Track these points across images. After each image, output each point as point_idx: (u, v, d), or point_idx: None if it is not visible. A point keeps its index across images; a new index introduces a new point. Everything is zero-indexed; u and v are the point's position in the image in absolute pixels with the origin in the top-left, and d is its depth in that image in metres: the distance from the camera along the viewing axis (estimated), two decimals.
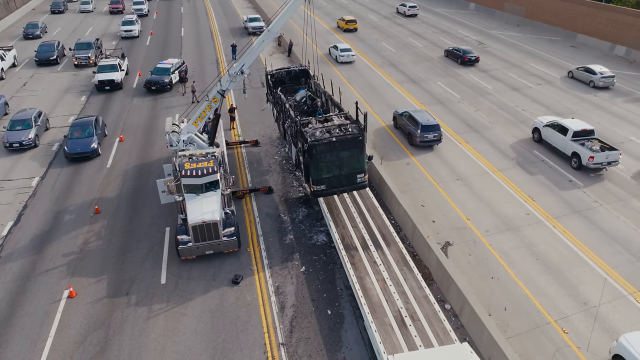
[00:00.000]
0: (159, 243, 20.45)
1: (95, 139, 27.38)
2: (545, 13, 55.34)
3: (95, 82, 36.09)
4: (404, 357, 12.96)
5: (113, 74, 36.68)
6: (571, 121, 27.14)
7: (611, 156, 24.86)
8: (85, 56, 42.09)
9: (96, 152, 27.05)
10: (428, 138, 27.89)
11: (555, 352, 15.60)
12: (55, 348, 15.62)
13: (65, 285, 18.11)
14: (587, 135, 26.24)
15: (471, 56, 42.78)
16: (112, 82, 36.30)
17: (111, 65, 37.39)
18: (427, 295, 15.96)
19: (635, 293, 17.95)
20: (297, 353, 15.50)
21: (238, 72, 21.57)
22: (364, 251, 18.33)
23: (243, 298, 17.62)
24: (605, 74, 37.25)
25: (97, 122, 28.59)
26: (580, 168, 25.61)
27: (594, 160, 24.74)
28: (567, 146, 26.18)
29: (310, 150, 18.66)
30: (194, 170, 19.53)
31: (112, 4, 64.87)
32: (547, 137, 27.83)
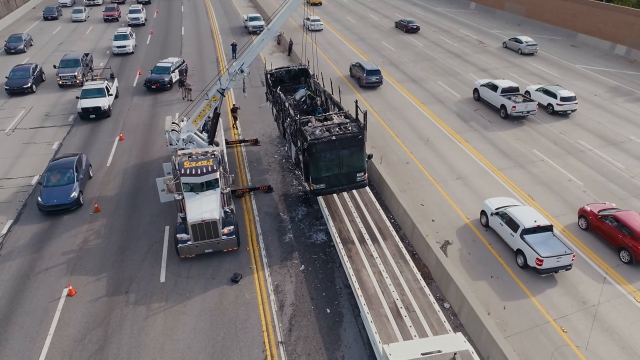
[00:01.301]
0: (159, 242, 20.46)
1: (77, 185, 22.76)
2: (546, 12, 55.29)
3: (79, 110, 31.21)
4: (399, 346, 13.25)
5: (99, 100, 31.67)
6: (501, 81, 32.77)
7: (529, 106, 30.64)
8: (71, 75, 36.80)
9: (77, 203, 22.38)
10: (371, 80, 36.40)
11: (554, 351, 15.61)
12: (55, 346, 15.64)
13: (65, 284, 18.13)
14: (513, 92, 31.57)
15: (413, 25, 52.93)
16: (98, 110, 31.26)
17: (97, 89, 32.25)
18: (422, 288, 16.27)
19: (634, 292, 17.94)
20: (296, 351, 15.51)
21: (238, 71, 21.58)
22: (360, 245, 18.59)
23: (242, 296, 17.63)
24: (529, 42, 45.14)
25: (79, 163, 23.95)
26: (506, 117, 31.20)
27: (516, 109, 30.42)
28: (497, 100, 31.85)
29: (310, 149, 18.65)
30: (194, 169, 19.55)
31: (107, 11, 59.59)
32: (483, 94, 33.36)
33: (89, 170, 24.90)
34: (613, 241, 19.71)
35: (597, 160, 26.97)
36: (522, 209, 19.87)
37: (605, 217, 20.09)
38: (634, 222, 19.17)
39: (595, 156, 27.44)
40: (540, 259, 17.78)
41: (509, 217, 19.64)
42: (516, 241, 19.08)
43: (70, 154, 24.75)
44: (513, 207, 20.41)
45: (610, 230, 19.73)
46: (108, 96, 32.51)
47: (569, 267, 18.25)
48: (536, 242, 18.51)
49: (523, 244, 18.63)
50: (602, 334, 16.25)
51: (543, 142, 28.99)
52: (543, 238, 18.66)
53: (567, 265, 18.19)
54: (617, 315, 16.98)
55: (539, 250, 18.06)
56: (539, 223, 18.88)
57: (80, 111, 31.24)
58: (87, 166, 24.85)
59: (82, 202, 22.89)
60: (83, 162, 24.55)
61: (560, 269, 18.18)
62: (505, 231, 19.75)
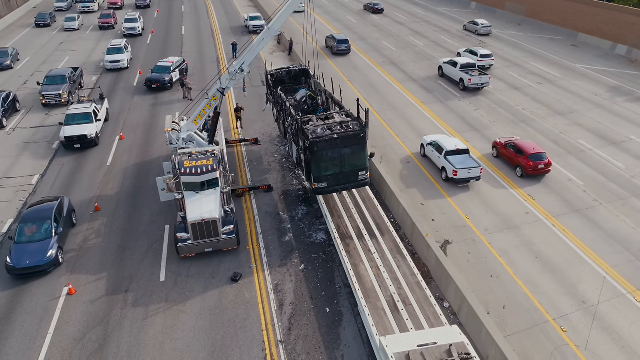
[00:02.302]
0: (159, 241, 20.48)
1: (55, 241, 18.82)
2: (547, 12, 55.23)
3: (62, 139, 27.05)
4: (395, 338, 13.45)
5: (86, 127, 27.47)
6: (461, 58, 37.66)
7: (483, 79, 35.55)
8: (55, 94, 32.72)
9: (55, 263, 18.56)
10: (341, 48, 44.34)
11: (554, 350, 15.60)
12: (55, 345, 15.66)
13: (65, 283, 18.15)
14: (470, 67, 36.68)
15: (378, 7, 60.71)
16: (84, 139, 27.14)
17: (84, 114, 28.13)
18: (419, 282, 16.52)
19: (634, 292, 17.94)
20: (295, 350, 15.52)
21: (238, 71, 21.60)
22: (359, 240, 18.81)
23: (242, 296, 17.64)
24: (485, 24, 51.80)
25: (59, 210, 20.05)
26: (465, 89, 36.13)
27: (471, 82, 35.32)
28: (457, 74, 36.63)
29: (311, 148, 18.65)
30: (194, 168, 19.57)
31: (102, 18, 54.93)
32: (446, 71, 38.41)
33: (72, 217, 20.99)
34: (512, 161, 25.70)
35: (597, 160, 26.95)
36: (447, 139, 25.67)
37: (508, 144, 26.05)
38: (526, 147, 25.07)
39: (596, 156, 27.42)
40: (456, 170, 23.56)
41: (437, 144, 25.38)
42: (441, 161, 24.77)
43: (49, 199, 20.84)
44: (442, 138, 25.74)
45: (510, 154, 25.70)
46: (96, 122, 28.30)
47: (478, 178, 24.03)
48: (455, 160, 24.20)
49: (446, 162, 24.35)
50: (602, 333, 16.24)
51: (543, 141, 28.97)
52: (461, 159, 24.30)
53: (477, 177, 23.97)
54: (617, 314, 16.97)
55: (455, 165, 23.64)
56: (458, 147, 24.71)
57: (63, 140, 27.04)
58: (70, 212, 20.96)
59: (62, 260, 19.10)
60: (64, 208, 20.53)
61: (472, 179, 23.97)
62: (435, 155, 25.45)
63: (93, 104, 29.42)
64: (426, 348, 12.83)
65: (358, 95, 34.37)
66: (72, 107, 29.09)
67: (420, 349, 12.80)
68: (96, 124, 28.29)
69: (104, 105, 30.99)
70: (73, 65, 38.72)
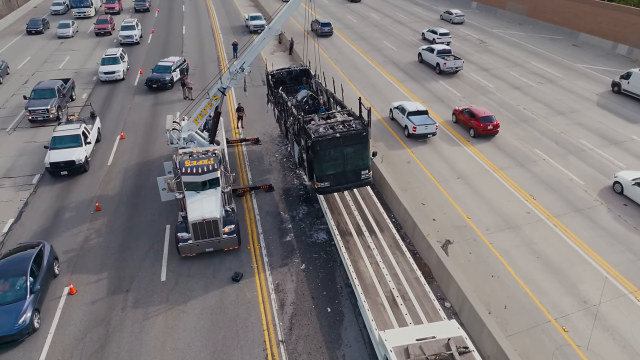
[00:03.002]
0: (159, 240, 20.47)
1: (30, 301, 15.79)
2: (548, 12, 55.19)
3: (46, 165, 24.21)
4: (394, 332, 13.60)
5: (74, 152, 24.59)
6: (438, 45, 41.43)
7: (457, 63, 39.15)
8: (42, 109, 30.02)
9: (29, 329, 15.47)
10: (325, 30, 50.24)
11: (555, 350, 15.58)
12: (55, 344, 15.65)
13: (66, 282, 18.12)
14: (446, 53, 39.83)
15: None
16: (72, 165, 24.36)
17: (72, 136, 25.24)
18: (418, 277, 16.70)
19: (635, 292, 17.91)
20: (296, 350, 15.50)
21: (239, 70, 21.58)
22: (358, 236, 18.98)
23: (243, 295, 17.63)
24: (458, 14, 57.21)
25: (38, 261, 17.04)
26: (441, 72, 39.58)
27: (446, 66, 38.93)
28: (434, 59, 40.37)
29: (314, 147, 18.63)
30: (195, 167, 19.55)
31: (98, 24, 51.68)
32: (424, 57, 42.13)
33: (53, 267, 17.86)
34: (466, 124, 29.94)
35: (598, 160, 26.92)
36: (410, 103, 30.94)
37: (464, 110, 30.40)
38: (477, 111, 29.47)
39: (597, 155, 27.39)
40: (415, 126, 28.37)
41: (402, 107, 30.06)
42: (404, 120, 29.41)
43: (26, 246, 17.82)
44: (406, 102, 30.78)
45: (465, 118, 29.97)
46: (85, 145, 25.49)
47: (434, 133, 28.79)
48: (415, 119, 28.92)
49: (408, 121, 28.96)
50: (604, 333, 16.22)
51: (544, 141, 28.96)
52: (421, 118, 28.97)
53: (433, 132, 28.71)
54: (619, 314, 16.95)
55: (415, 122, 28.57)
56: (418, 109, 29.54)
57: (48, 166, 24.16)
58: (51, 262, 17.80)
59: (38, 324, 16.02)
60: (45, 257, 17.42)
61: (429, 134, 28.73)
62: (399, 116, 30.15)
63: (82, 124, 26.42)
64: (425, 342, 13.03)
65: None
66: (59, 128, 26.07)
67: (419, 343, 12.99)
68: (85, 148, 25.44)
69: (96, 125, 28.15)
70: (64, 78, 35.32)
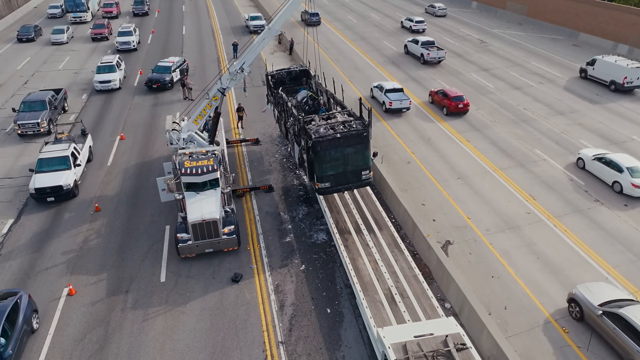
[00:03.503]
0: (159, 241, 20.44)
1: None
2: (548, 12, 55.14)
3: (31, 190, 22.11)
4: (392, 330, 13.71)
5: (61, 176, 22.58)
6: (422, 37, 44.34)
7: (440, 53, 41.92)
8: (33, 122, 28.24)
9: None
10: (313, 20, 53.54)
11: (556, 351, 15.54)
12: (55, 345, 15.62)
13: (65, 283, 18.11)
14: (430, 44, 42.56)
15: None
16: (59, 191, 22.30)
17: (60, 158, 23.22)
18: (416, 275, 16.78)
19: (636, 292, 17.86)
20: (296, 351, 15.47)
21: (238, 70, 21.55)
22: (357, 235, 19.08)
23: (242, 296, 17.60)
24: (441, 7, 61.06)
25: (12, 317, 14.69)
26: (425, 62, 42.43)
27: (430, 56, 41.76)
28: (418, 50, 43.13)
29: (314, 147, 18.61)
30: (194, 168, 19.52)
31: (95, 28, 49.80)
32: (410, 48, 44.83)
33: (31, 322, 15.61)
34: (440, 103, 33.13)
35: None
36: (388, 82, 34.11)
37: (438, 91, 33.49)
38: (449, 91, 32.63)
39: None
40: (391, 102, 32.04)
41: (381, 85, 33.64)
42: (382, 96, 32.95)
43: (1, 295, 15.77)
44: (384, 82, 34.11)
45: (439, 98, 33.22)
46: (74, 167, 23.35)
47: (408, 108, 32.46)
48: (392, 96, 32.51)
49: (385, 97, 32.60)
50: None
51: (544, 141, 28.91)
52: (397, 95, 32.53)
53: (407, 107, 32.40)
54: None
55: (390, 98, 32.11)
56: (394, 87, 33.13)
57: (33, 192, 22.14)
58: (29, 315, 15.55)
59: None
60: (20, 312, 15.09)
61: (403, 108, 32.35)
62: (379, 93, 33.70)
63: (72, 144, 24.30)
64: (423, 338, 13.12)
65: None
66: (46, 148, 23.95)
67: (417, 340, 13.09)
68: (75, 170, 23.32)
69: (87, 143, 26.03)
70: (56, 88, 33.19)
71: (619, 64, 35.52)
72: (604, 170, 24.29)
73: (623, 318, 14.59)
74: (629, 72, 35.01)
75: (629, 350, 14.19)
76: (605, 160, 24.40)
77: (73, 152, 23.95)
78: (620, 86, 35.54)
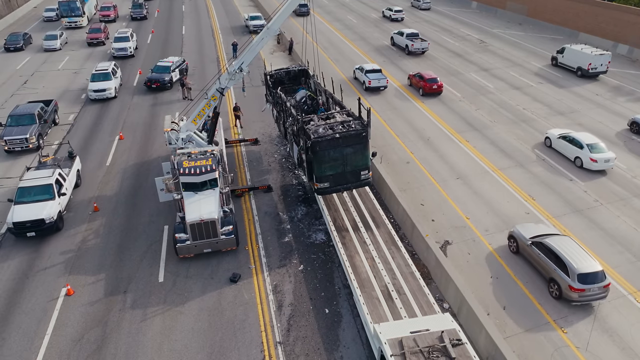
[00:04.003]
0: (157, 241, 20.41)
1: None
2: (548, 11, 55.08)
3: (9, 224, 19.84)
4: (389, 326, 13.87)
5: (44, 207, 20.28)
6: (407, 29, 46.87)
7: (423, 44, 44.93)
8: (20, 138, 26.32)
9: None
10: (303, 10, 54.47)
11: (554, 351, 15.51)
12: (52, 346, 15.61)
13: (63, 283, 18.09)
14: (414, 36, 45.49)
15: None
16: (40, 224, 19.92)
17: (42, 187, 20.86)
18: (413, 272, 16.92)
19: (635, 293, 17.83)
20: (294, 352, 15.44)
21: (237, 70, 21.54)
22: (354, 232, 19.20)
23: (241, 296, 17.57)
24: (425, 0, 64.66)
25: None
26: (409, 53, 45.37)
27: (413, 47, 44.73)
28: (403, 42, 46.05)
29: (313, 147, 18.60)
30: (193, 168, 19.50)
31: (91, 33, 47.79)
32: (396, 40, 47.70)
33: None
34: (417, 85, 36.30)
35: None
36: (368, 64, 37.62)
37: (415, 74, 36.79)
38: (425, 74, 35.85)
39: None
40: (370, 80, 35.81)
41: (361, 67, 37.36)
42: (363, 76, 36.67)
43: None
44: (365, 64, 38.13)
45: (416, 80, 36.43)
46: (59, 197, 20.98)
47: (385, 86, 36.29)
48: (371, 76, 35.99)
49: (365, 77, 36.31)
50: (603, 334, 16.14)
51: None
52: (375, 75, 36.16)
53: (384, 85, 36.14)
54: (618, 316, 16.87)
55: (370, 77, 35.94)
56: (374, 68, 36.63)
57: (11, 226, 19.85)
58: None
59: None
60: None
61: (381, 87, 36.18)
62: (360, 74, 37.45)
63: (57, 169, 21.88)
64: (419, 334, 13.27)
65: None
66: (28, 175, 21.53)
67: (413, 335, 13.23)
68: (59, 200, 20.95)
69: (74, 167, 23.61)
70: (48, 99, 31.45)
71: (585, 52, 38.80)
72: (567, 147, 26.65)
73: (545, 245, 18.11)
74: (592, 59, 38.24)
75: (548, 269, 17.84)
76: (568, 138, 26.73)
77: (58, 179, 21.58)
78: (585, 72, 38.70)
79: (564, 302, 17.32)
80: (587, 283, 16.57)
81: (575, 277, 16.62)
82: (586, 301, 16.79)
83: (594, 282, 16.59)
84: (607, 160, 25.12)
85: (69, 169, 23.16)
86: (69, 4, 53.95)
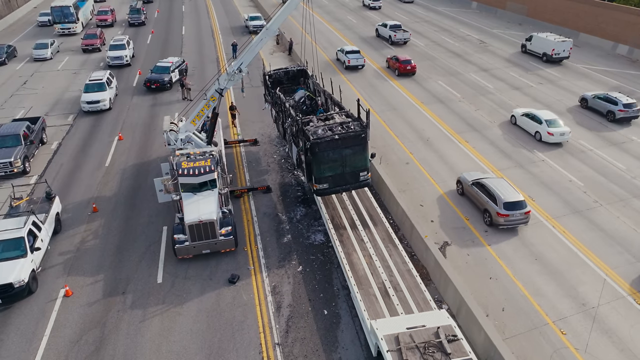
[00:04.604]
0: (156, 242, 20.39)
1: None
2: (548, 12, 55.03)
3: None
4: (386, 322, 14.06)
5: (13, 267, 16.88)
6: (390, 21, 50.06)
7: (405, 35, 48.02)
8: (4, 162, 23.87)
9: None
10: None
11: (553, 353, 15.48)
12: (51, 347, 15.58)
13: (62, 284, 18.07)
14: (397, 27, 48.35)
15: None
16: (8, 290, 16.49)
17: (11, 240, 17.50)
18: (410, 270, 17.08)
19: (634, 294, 17.80)
20: (292, 353, 15.42)
21: (236, 71, 21.52)
22: (352, 230, 19.35)
23: (239, 298, 17.54)
24: None
25: None
26: (393, 43, 48.44)
27: (396, 37, 47.82)
28: (387, 33, 49.14)
29: (312, 149, 18.59)
30: (192, 169, 19.48)
31: (86, 39, 45.59)
32: (380, 32, 50.82)
33: None
34: (394, 66, 40.19)
35: (598, 161, 26.80)
36: (348, 46, 41.89)
37: (393, 57, 40.52)
38: (400, 56, 39.72)
39: (596, 156, 27.27)
40: (349, 60, 40.16)
41: (342, 49, 41.45)
42: (343, 57, 41.04)
43: None
44: (346, 46, 41.99)
45: (393, 62, 40.35)
46: (31, 253, 17.63)
47: (363, 65, 40.73)
48: (350, 56, 40.29)
49: (345, 57, 40.61)
50: (602, 336, 16.11)
51: (544, 142, 28.82)
52: (354, 56, 40.27)
53: (362, 64, 40.60)
54: (617, 317, 16.84)
55: (349, 57, 40.08)
56: (352, 49, 40.79)
57: None
58: None
59: None
60: None
61: (359, 65, 40.47)
62: (341, 55, 41.57)
63: (32, 216, 18.61)
64: (415, 330, 13.45)
65: None
66: None
67: (409, 331, 13.41)
68: (33, 257, 17.67)
69: (53, 210, 20.29)
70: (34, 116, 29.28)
71: (549, 39, 42.58)
72: (529, 124, 29.56)
73: (481, 184, 22.04)
74: (556, 45, 41.90)
75: (482, 202, 21.69)
76: (530, 115, 29.63)
77: (31, 230, 18.18)
78: (549, 57, 42.49)
79: (563, 303, 17.28)
80: (511, 209, 20.40)
81: (502, 205, 20.49)
82: (511, 225, 20.69)
83: (516, 209, 20.42)
84: (562, 134, 28.06)
85: (45, 214, 19.76)
86: (62, 9, 50.51)
